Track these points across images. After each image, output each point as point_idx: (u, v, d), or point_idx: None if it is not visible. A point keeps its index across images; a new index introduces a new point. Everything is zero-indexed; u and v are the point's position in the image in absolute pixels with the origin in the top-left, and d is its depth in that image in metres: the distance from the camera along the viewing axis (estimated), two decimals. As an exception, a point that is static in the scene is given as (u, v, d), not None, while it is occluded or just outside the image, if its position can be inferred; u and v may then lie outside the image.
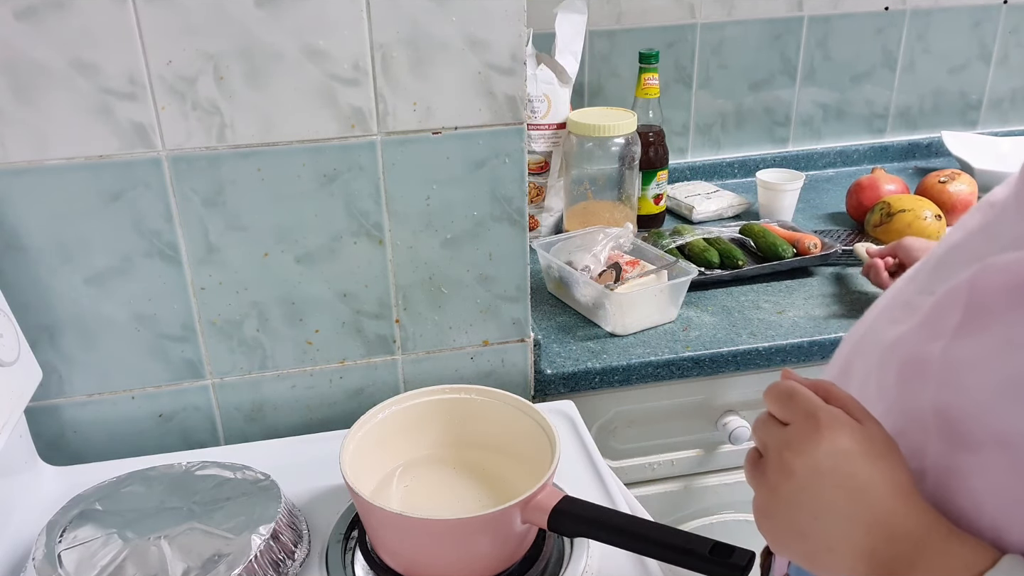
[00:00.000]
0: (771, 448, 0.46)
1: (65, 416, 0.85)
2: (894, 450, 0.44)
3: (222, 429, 0.89)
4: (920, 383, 0.45)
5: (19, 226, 0.76)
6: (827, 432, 0.44)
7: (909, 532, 0.41)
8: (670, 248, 1.16)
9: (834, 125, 1.58)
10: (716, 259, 1.15)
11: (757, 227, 1.21)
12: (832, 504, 0.43)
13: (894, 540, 0.42)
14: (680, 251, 1.18)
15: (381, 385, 0.91)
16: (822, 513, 0.43)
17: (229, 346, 0.85)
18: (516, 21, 0.78)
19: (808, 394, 0.46)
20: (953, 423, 0.43)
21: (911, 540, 0.41)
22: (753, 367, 1.01)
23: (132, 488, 0.72)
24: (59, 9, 0.70)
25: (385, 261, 0.85)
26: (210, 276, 0.82)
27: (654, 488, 1.09)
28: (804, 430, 0.44)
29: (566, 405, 0.91)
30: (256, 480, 0.73)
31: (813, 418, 0.45)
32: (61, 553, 0.64)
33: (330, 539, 0.72)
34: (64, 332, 0.81)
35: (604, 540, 0.64)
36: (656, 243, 1.18)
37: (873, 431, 0.45)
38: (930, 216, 1.19)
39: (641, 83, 1.31)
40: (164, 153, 0.77)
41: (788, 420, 0.46)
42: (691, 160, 1.54)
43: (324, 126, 0.78)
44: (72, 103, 0.73)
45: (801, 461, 0.44)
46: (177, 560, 0.63)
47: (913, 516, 0.42)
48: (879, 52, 1.53)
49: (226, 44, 0.74)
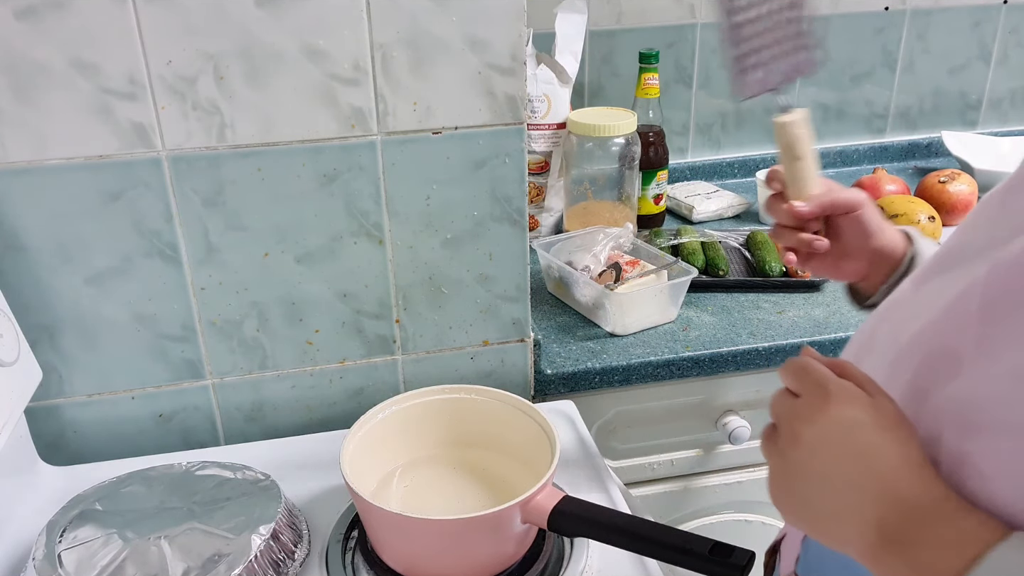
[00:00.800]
0: (782, 418, 0.47)
1: (65, 416, 0.85)
2: (905, 423, 0.44)
3: (222, 429, 0.89)
4: (944, 373, 0.44)
5: (19, 226, 0.76)
6: (836, 402, 0.44)
7: (918, 502, 0.41)
8: (664, 247, 1.16)
9: (834, 125, 1.58)
10: (701, 264, 1.15)
11: (760, 236, 1.20)
12: (840, 472, 0.43)
13: (903, 510, 0.41)
14: (674, 251, 1.18)
15: (381, 385, 0.91)
16: (830, 481, 0.44)
17: (229, 346, 0.85)
18: (516, 21, 0.78)
19: (821, 368, 0.47)
20: (969, 411, 0.42)
21: (920, 510, 0.41)
22: (753, 367, 1.01)
23: (132, 488, 0.72)
24: (59, 9, 0.70)
25: (385, 261, 0.85)
26: (210, 276, 0.82)
27: (654, 488, 1.09)
28: (814, 400, 0.45)
29: (566, 405, 0.91)
30: (256, 480, 0.73)
31: (823, 388, 0.45)
32: (61, 553, 0.64)
33: (330, 539, 0.72)
34: (64, 332, 0.81)
35: (604, 540, 0.64)
36: (653, 242, 1.18)
37: (884, 404, 0.45)
38: (924, 219, 1.19)
39: (641, 83, 1.31)
40: (164, 153, 0.77)
41: (800, 392, 0.47)
42: (691, 160, 1.54)
43: (324, 126, 0.78)
44: (72, 103, 0.73)
45: (810, 429, 0.45)
46: (177, 560, 0.63)
47: (922, 486, 0.42)
48: (879, 52, 1.53)
49: (226, 44, 0.74)
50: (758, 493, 1.11)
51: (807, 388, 0.46)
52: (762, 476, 1.17)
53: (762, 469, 1.10)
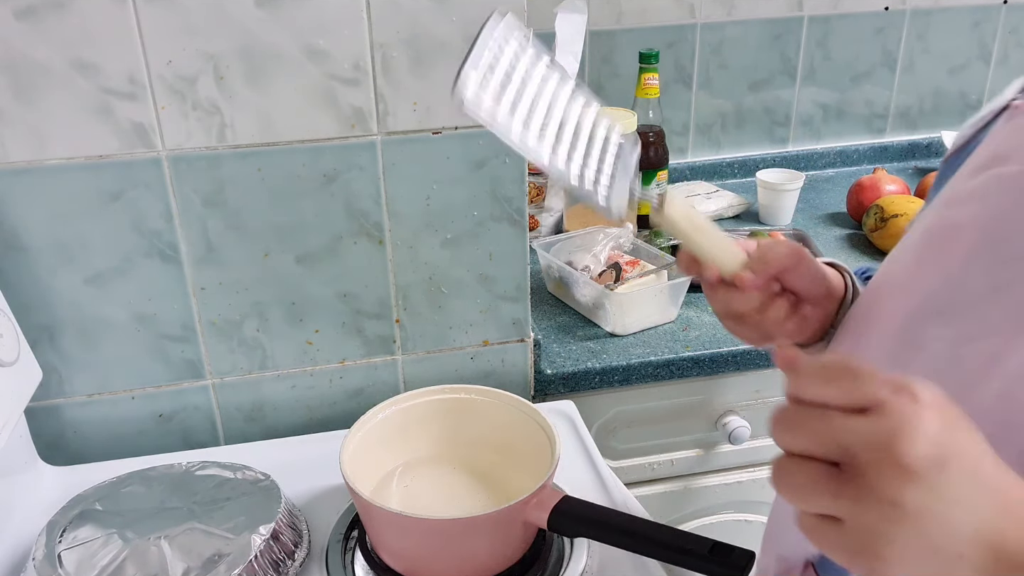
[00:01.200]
0: (862, 447, 0.34)
1: (65, 416, 0.85)
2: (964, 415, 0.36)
3: (222, 429, 0.89)
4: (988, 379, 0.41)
5: (19, 226, 0.76)
6: (930, 407, 0.33)
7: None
8: (664, 247, 1.16)
9: (834, 125, 1.58)
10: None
11: (760, 236, 1.20)
12: (961, 495, 0.34)
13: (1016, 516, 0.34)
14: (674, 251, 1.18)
15: (381, 385, 0.91)
16: (954, 511, 0.34)
17: (229, 346, 0.85)
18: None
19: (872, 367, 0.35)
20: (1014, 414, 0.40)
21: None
22: (753, 367, 1.01)
23: (132, 488, 0.72)
24: (59, 9, 0.70)
25: (385, 261, 0.85)
26: (210, 276, 0.82)
27: (654, 488, 1.09)
28: (904, 412, 0.33)
29: (566, 405, 0.91)
30: (256, 480, 0.73)
31: (906, 393, 0.34)
32: (61, 553, 0.64)
33: (330, 539, 0.72)
34: (64, 332, 0.81)
35: (604, 540, 0.64)
36: (652, 242, 1.18)
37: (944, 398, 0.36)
38: None
39: (641, 83, 1.31)
40: (164, 153, 0.77)
41: (864, 403, 0.34)
42: (691, 160, 1.54)
43: (324, 126, 0.78)
44: (72, 103, 0.73)
45: (920, 451, 0.33)
46: (177, 560, 0.63)
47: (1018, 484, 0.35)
48: (879, 52, 1.53)
49: (226, 44, 0.74)
50: (758, 493, 1.11)
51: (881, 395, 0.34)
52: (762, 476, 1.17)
53: (762, 469, 1.10)
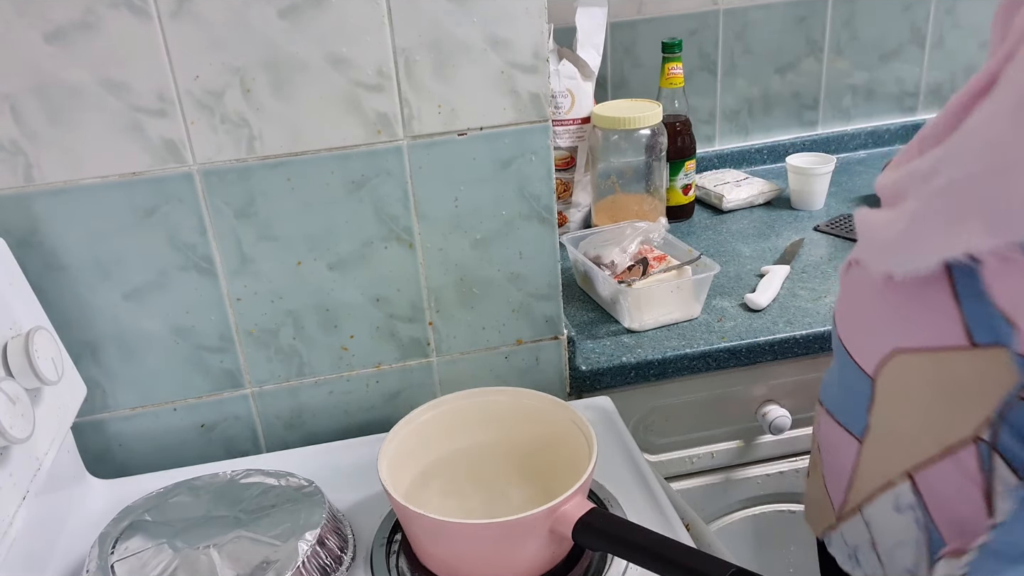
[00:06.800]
0: None
1: (110, 430, 0.87)
2: None
3: (263, 437, 0.90)
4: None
5: (58, 246, 0.78)
6: None
7: None
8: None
9: (864, 106, 1.55)
10: None
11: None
12: None
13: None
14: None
15: (417, 388, 0.91)
16: None
17: (266, 355, 0.86)
18: (537, 18, 0.78)
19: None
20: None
21: None
22: (791, 355, 1.00)
23: (179, 498, 0.73)
24: (87, 30, 0.71)
25: (416, 264, 0.86)
26: (245, 286, 0.83)
27: (695, 481, 1.08)
28: None
29: (603, 400, 0.91)
30: (300, 487, 0.73)
31: None
32: (114, 564, 0.65)
33: (374, 543, 0.72)
34: (105, 347, 0.83)
35: (623, 557, 0.63)
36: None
37: None
38: None
39: (665, 73, 1.30)
40: (195, 167, 0.77)
41: None
42: (719, 148, 1.53)
43: (351, 133, 0.79)
44: (104, 122, 0.74)
45: None
46: (227, 568, 0.64)
47: None
48: (907, 29, 1.50)
49: (251, 56, 0.74)
50: (802, 483, 1.10)
51: None
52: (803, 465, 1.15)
53: (804, 458, 1.08)
